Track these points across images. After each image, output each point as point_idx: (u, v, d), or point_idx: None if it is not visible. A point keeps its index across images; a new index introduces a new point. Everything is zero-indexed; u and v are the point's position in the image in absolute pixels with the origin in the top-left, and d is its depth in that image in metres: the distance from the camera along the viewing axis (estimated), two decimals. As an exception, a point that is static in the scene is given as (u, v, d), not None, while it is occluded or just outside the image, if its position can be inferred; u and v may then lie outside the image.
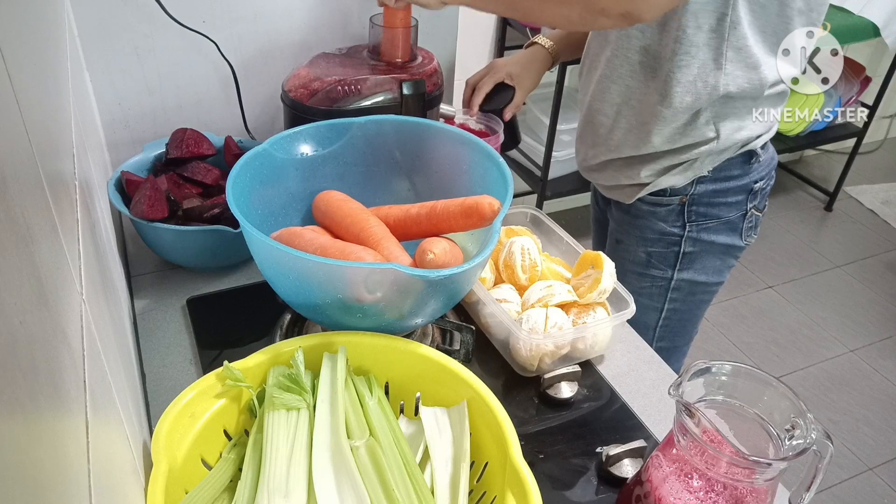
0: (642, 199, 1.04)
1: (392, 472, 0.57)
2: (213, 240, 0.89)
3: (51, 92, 0.55)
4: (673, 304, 1.10)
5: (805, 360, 2.16)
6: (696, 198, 1.01)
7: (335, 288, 0.66)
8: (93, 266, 0.56)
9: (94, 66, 1.03)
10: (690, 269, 1.07)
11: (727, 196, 1.01)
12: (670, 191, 1.01)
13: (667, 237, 1.05)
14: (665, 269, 1.07)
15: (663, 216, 1.04)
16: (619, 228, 1.11)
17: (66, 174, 0.54)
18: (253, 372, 0.64)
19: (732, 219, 1.03)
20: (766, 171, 1.02)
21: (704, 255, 1.06)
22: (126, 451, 0.50)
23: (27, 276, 0.31)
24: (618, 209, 1.11)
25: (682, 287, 1.09)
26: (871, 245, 2.70)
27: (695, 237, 1.04)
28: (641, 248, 1.08)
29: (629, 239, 1.09)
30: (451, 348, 0.85)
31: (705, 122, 0.95)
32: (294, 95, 0.99)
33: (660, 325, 1.13)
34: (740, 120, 0.95)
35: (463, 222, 0.74)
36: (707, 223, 1.03)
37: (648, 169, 1.00)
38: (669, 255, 1.06)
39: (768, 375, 0.61)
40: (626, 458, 0.74)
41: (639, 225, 1.07)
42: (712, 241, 1.04)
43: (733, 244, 1.06)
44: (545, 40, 1.14)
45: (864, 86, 2.63)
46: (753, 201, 1.03)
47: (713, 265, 1.07)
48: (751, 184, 1.01)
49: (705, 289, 1.10)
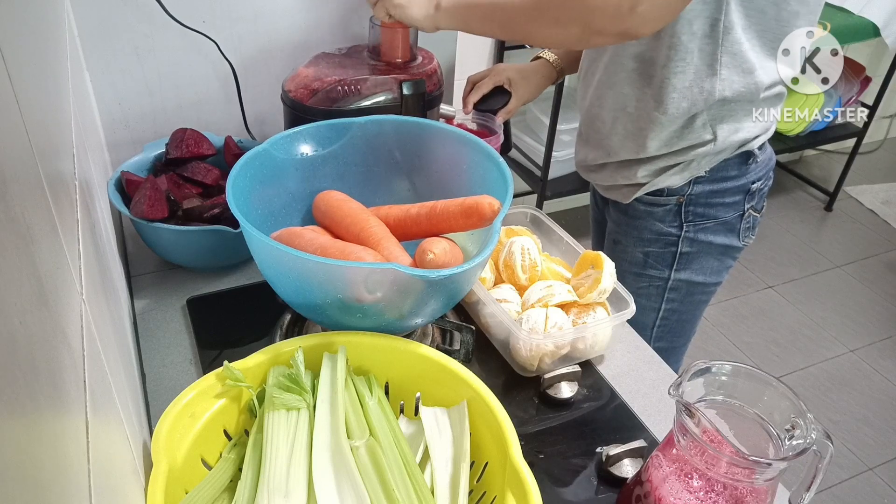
0: (639, 200, 1.04)
1: (392, 472, 0.57)
2: (213, 240, 0.89)
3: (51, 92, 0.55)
4: (670, 304, 1.10)
5: (805, 360, 2.16)
6: (693, 198, 1.01)
7: (335, 288, 0.66)
8: (93, 266, 0.56)
9: (94, 66, 1.03)
10: (688, 269, 1.07)
11: (724, 196, 1.01)
12: (667, 191, 1.01)
13: (664, 237, 1.05)
14: (662, 269, 1.07)
15: (660, 216, 1.04)
16: (616, 229, 1.11)
17: (66, 174, 0.54)
18: (253, 372, 0.64)
19: (730, 219, 1.03)
20: (763, 171, 1.02)
21: (702, 256, 1.06)
22: (126, 451, 0.50)
23: (27, 276, 0.31)
24: (615, 209, 1.11)
25: (680, 287, 1.09)
26: (871, 245, 2.70)
27: (692, 237, 1.04)
28: (639, 249, 1.08)
29: (627, 239, 1.09)
30: (451, 348, 0.85)
31: (702, 125, 0.95)
32: (294, 95, 0.99)
33: (657, 325, 1.13)
34: (737, 122, 0.95)
35: (463, 222, 0.74)
36: (704, 223, 1.03)
37: (645, 169, 1.01)
38: (667, 255, 1.06)
39: (768, 375, 0.61)
40: (626, 458, 0.74)
41: (636, 225, 1.07)
42: (710, 241, 1.04)
43: (731, 245, 1.06)
44: (550, 55, 1.15)
45: (864, 86, 2.63)
46: (751, 202, 1.03)
47: (711, 266, 1.07)
48: (748, 184, 1.01)
49: (703, 289, 1.10)
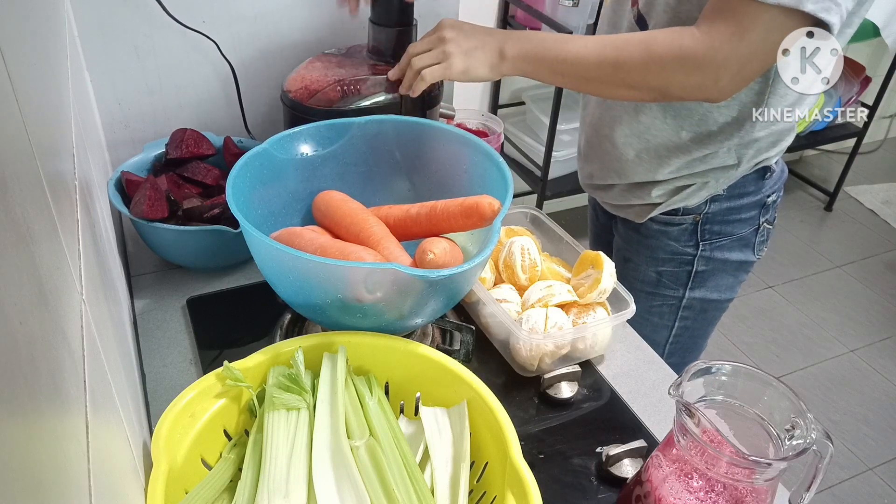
0: (653, 219, 1.00)
1: (392, 472, 0.57)
2: (213, 240, 0.89)
3: (51, 92, 0.55)
4: (684, 321, 1.07)
5: (805, 360, 2.16)
6: (711, 216, 0.97)
7: (335, 288, 0.66)
8: (93, 266, 0.56)
9: (94, 66, 1.03)
10: (703, 287, 1.03)
11: (741, 213, 0.98)
12: (683, 210, 0.98)
13: (679, 256, 1.01)
14: (677, 288, 1.04)
15: (675, 235, 1.00)
16: (627, 247, 1.07)
17: (66, 174, 0.54)
18: (253, 372, 0.64)
19: (745, 234, 1.00)
20: (777, 183, 0.99)
21: (717, 273, 1.02)
22: (126, 451, 0.50)
23: (27, 276, 0.31)
24: (625, 227, 1.06)
25: (694, 305, 1.05)
26: (871, 245, 2.70)
27: (708, 256, 1.00)
28: (652, 268, 1.04)
29: (638, 258, 1.05)
30: (451, 348, 0.85)
31: (727, 150, 0.91)
32: (294, 95, 0.98)
33: (670, 343, 1.09)
34: (765, 152, 0.93)
35: (463, 222, 0.74)
36: (720, 241, 0.99)
37: (661, 189, 0.97)
38: (682, 274, 1.02)
39: (768, 375, 0.61)
40: (626, 458, 0.74)
41: (649, 245, 1.03)
42: (725, 258, 1.01)
43: (746, 260, 1.02)
44: None
45: (864, 86, 2.63)
46: (766, 215, 1.00)
47: (725, 282, 1.04)
48: (764, 198, 0.98)
49: (717, 306, 1.07)
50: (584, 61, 0.81)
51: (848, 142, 2.81)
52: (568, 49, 0.82)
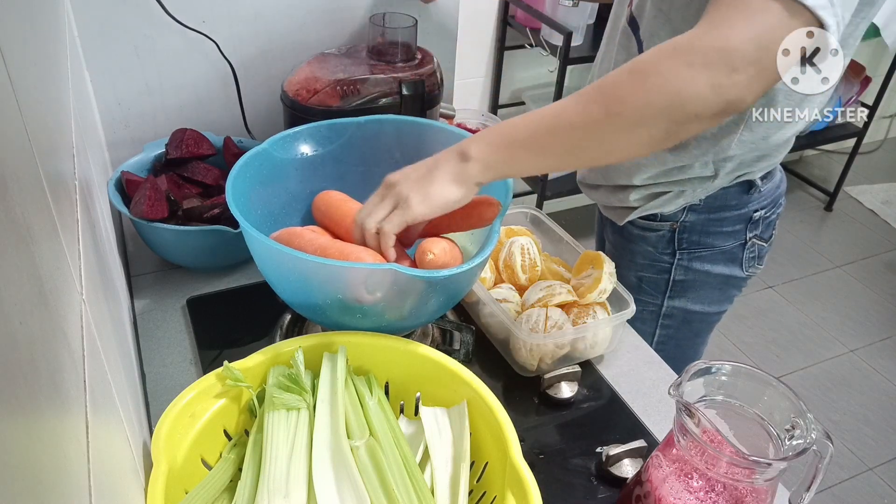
0: (633, 223, 1.00)
1: (392, 472, 0.57)
2: (213, 240, 0.89)
3: (51, 92, 0.55)
4: (666, 330, 1.05)
5: (805, 360, 2.16)
6: (689, 225, 0.95)
7: (335, 288, 0.66)
8: (93, 266, 0.56)
9: (94, 66, 1.03)
10: (683, 297, 1.02)
11: (722, 225, 0.95)
12: (660, 216, 0.96)
13: (657, 263, 1.00)
14: (656, 295, 1.02)
15: (654, 242, 0.99)
16: (613, 250, 1.07)
17: (66, 174, 0.54)
18: (253, 372, 0.64)
19: (729, 248, 0.97)
20: (768, 200, 0.95)
21: (699, 285, 1.00)
22: (126, 451, 0.50)
23: (27, 276, 0.31)
24: (612, 230, 1.06)
25: (675, 314, 1.04)
26: (871, 245, 2.70)
27: (686, 265, 0.98)
28: (633, 272, 1.03)
29: (622, 262, 1.04)
30: (451, 348, 0.85)
31: (704, 164, 0.89)
32: (294, 95, 0.99)
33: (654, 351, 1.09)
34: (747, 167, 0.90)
35: (463, 222, 0.74)
36: (700, 252, 0.97)
37: (637, 193, 0.96)
38: (660, 281, 1.01)
39: (768, 375, 0.61)
40: (626, 458, 0.74)
41: (630, 248, 1.02)
42: (707, 270, 0.99)
43: (732, 275, 1.00)
44: None
45: (864, 86, 2.63)
46: (755, 230, 0.96)
47: (711, 296, 1.01)
48: (750, 213, 0.95)
49: (702, 318, 1.05)
50: (566, 114, 0.66)
51: (848, 142, 2.81)
52: (542, 114, 0.67)
